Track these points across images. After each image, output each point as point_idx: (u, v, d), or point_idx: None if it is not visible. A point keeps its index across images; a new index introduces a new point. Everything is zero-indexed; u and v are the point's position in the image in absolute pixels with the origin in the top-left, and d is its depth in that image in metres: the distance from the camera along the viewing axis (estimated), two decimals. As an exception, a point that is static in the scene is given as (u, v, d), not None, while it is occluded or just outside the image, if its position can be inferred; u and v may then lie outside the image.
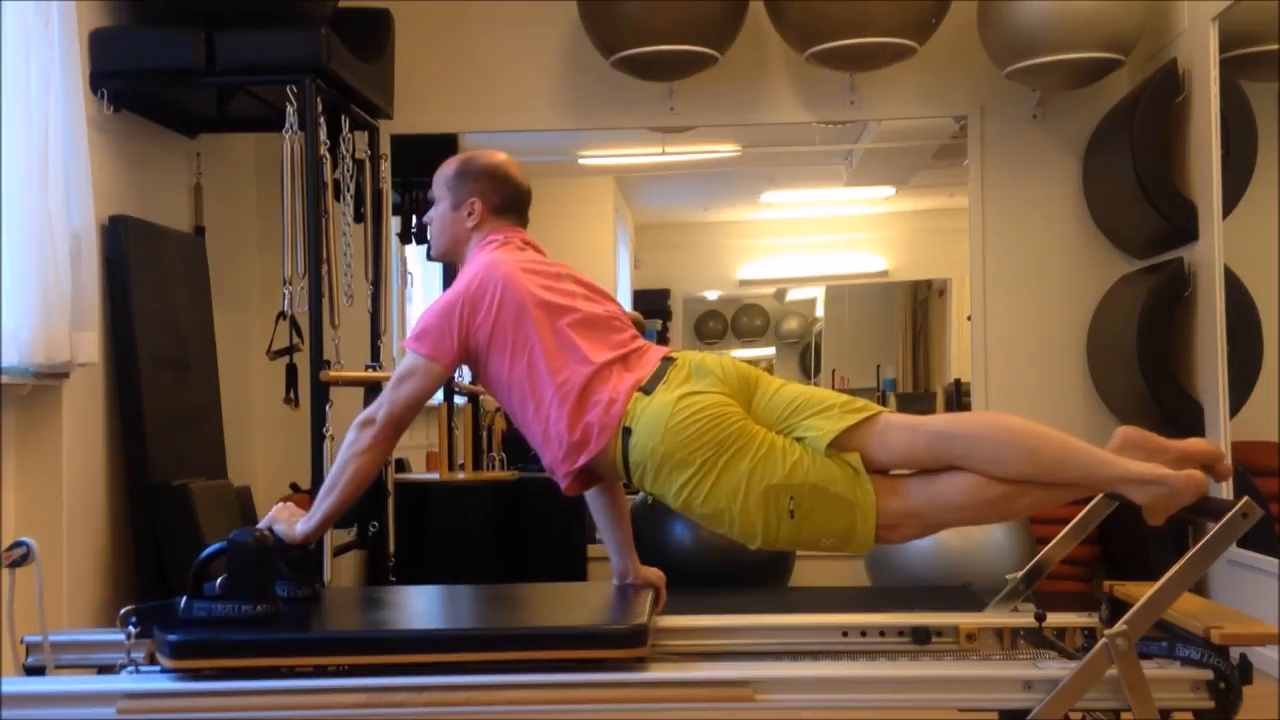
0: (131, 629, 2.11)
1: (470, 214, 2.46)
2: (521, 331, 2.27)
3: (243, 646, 2.04)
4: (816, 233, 7.60)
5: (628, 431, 2.20)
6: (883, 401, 6.80)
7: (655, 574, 2.52)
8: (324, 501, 2.25)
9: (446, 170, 2.51)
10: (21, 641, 2.23)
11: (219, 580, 2.13)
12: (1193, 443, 2.13)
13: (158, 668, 2.06)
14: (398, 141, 4.82)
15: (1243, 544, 3.29)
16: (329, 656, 2.05)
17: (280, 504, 2.33)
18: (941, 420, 2.18)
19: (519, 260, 2.37)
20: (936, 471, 2.12)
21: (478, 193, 2.46)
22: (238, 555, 2.14)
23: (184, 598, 2.14)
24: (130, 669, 2.11)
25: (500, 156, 2.53)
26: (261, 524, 2.27)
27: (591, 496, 2.49)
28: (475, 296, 2.30)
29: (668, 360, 2.27)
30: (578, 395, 2.23)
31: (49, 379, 3.33)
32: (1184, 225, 4.26)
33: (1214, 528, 1.96)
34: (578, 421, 2.22)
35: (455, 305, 2.30)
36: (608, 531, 2.51)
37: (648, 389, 2.22)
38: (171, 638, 2.02)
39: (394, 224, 5.02)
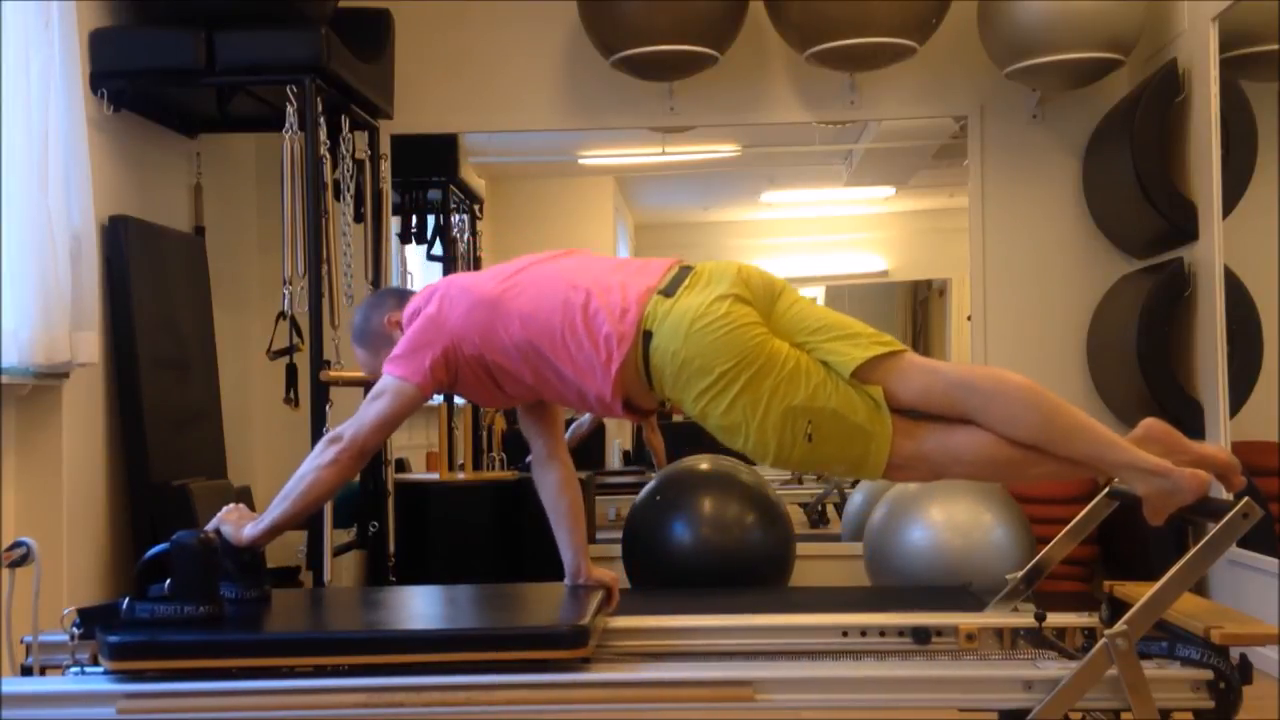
0: (75, 630, 2.11)
1: (393, 326, 2.44)
2: (496, 311, 2.26)
3: (182, 647, 2.03)
4: (816, 233, 7.59)
5: (648, 335, 2.19)
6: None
7: (608, 575, 2.53)
8: (275, 508, 2.26)
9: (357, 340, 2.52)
10: (21, 642, 2.24)
11: (167, 582, 2.13)
12: (1212, 450, 2.12)
13: (101, 669, 2.06)
14: (398, 141, 4.81)
15: (1243, 544, 3.29)
16: (266, 658, 2.04)
17: (230, 505, 2.33)
18: (964, 370, 2.18)
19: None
20: (954, 424, 2.12)
21: (386, 317, 2.45)
22: (182, 556, 2.14)
23: (127, 599, 2.13)
24: (75, 670, 2.10)
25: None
26: (209, 525, 2.27)
27: (549, 496, 2.51)
28: (435, 311, 2.31)
29: (686, 268, 2.26)
30: (581, 318, 2.21)
31: (49, 379, 3.33)
32: (1184, 225, 4.25)
33: (1214, 528, 1.96)
34: (597, 339, 2.20)
35: (424, 325, 2.31)
36: (561, 530, 2.52)
37: (668, 292, 2.21)
38: (111, 639, 2.01)
39: (394, 224, 5.03)
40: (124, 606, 2.13)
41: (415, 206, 5.35)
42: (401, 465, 5.21)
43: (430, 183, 5.30)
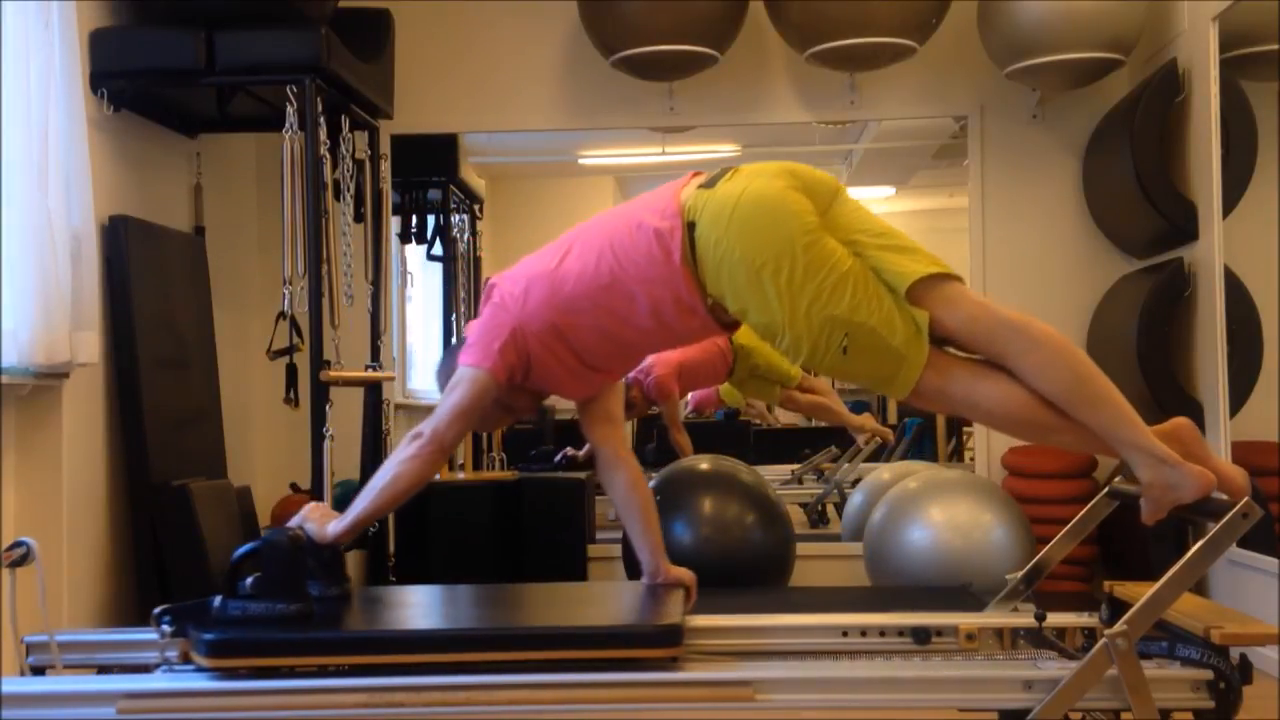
0: (166, 628, 2.11)
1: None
2: (552, 280, 2.24)
3: (278, 645, 2.04)
4: (816, 233, 7.57)
5: (692, 226, 2.16)
6: (882, 402, 6.79)
7: (686, 574, 2.51)
8: (358, 505, 2.25)
9: None
10: (22, 641, 2.24)
11: (249, 579, 2.13)
12: (1231, 469, 2.08)
13: (192, 666, 2.07)
14: (398, 141, 4.82)
15: (1243, 544, 3.29)
16: (365, 655, 2.04)
17: (311, 504, 2.33)
18: (1015, 312, 2.12)
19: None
20: (984, 368, 2.11)
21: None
22: (272, 555, 2.14)
23: (218, 596, 2.13)
24: (164, 668, 2.11)
25: None
26: (292, 523, 2.26)
27: (619, 497, 2.48)
28: (497, 300, 2.30)
29: (726, 168, 2.23)
30: (628, 232, 2.20)
31: (49, 379, 3.32)
32: (1184, 225, 4.25)
33: (1214, 528, 1.96)
34: (650, 241, 2.17)
35: (488, 315, 2.30)
36: (636, 532, 2.49)
37: (708, 185, 2.19)
38: (208, 636, 2.01)
39: (394, 224, 5.03)
40: (215, 604, 2.13)
41: (415, 206, 5.35)
42: (401, 465, 5.20)
43: (430, 183, 5.29)
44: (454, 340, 5.46)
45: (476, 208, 5.69)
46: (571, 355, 2.30)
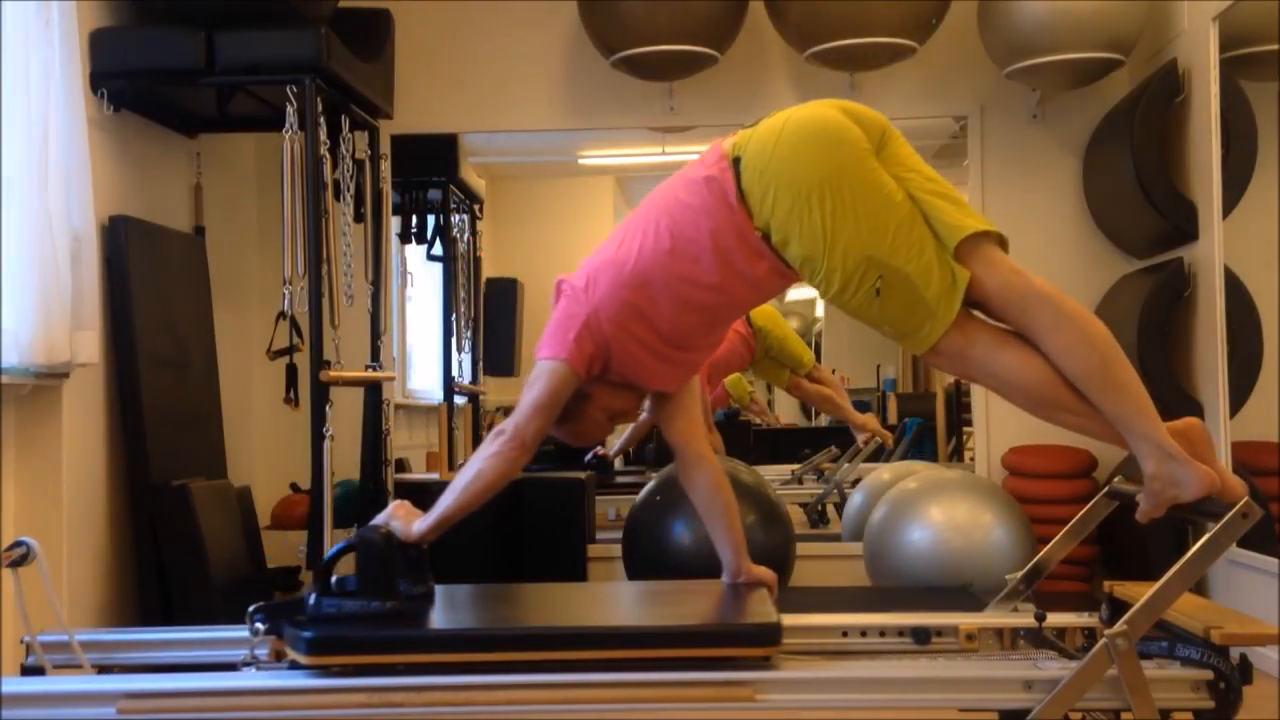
0: (259, 625, 2.11)
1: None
2: (614, 263, 2.23)
3: (379, 643, 2.03)
4: (816, 233, 7.57)
5: (737, 161, 2.15)
6: (882, 402, 6.80)
7: (767, 574, 2.48)
8: (443, 503, 2.23)
9: None
10: (22, 641, 2.24)
11: (335, 578, 2.13)
12: (1231, 477, 2.07)
13: (285, 663, 2.07)
14: (398, 141, 4.82)
15: (1243, 544, 3.29)
16: (463, 653, 2.03)
17: (396, 501, 2.31)
18: (1048, 285, 2.10)
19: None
20: (1008, 338, 2.10)
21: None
22: (367, 553, 2.14)
23: (312, 594, 2.12)
24: (249, 666, 2.11)
25: None
26: (377, 521, 2.25)
27: (702, 498, 2.46)
28: (569, 292, 2.29)
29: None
30: (683, 190, 2.20)
31: (49, 379, 3.33)
32: (1184, 225, 4.26)
33: (1214, 528, 1.96)
34: (703, 188, 2.17)
35: (560, 309, 2.28)
36: (719, 532, 2.46)
37: (751, 124, 2.18)
38: (307, 634, 2.01)
39: (394, 224, 5.03)
40: (310, 602, 2.12)
41: (415, 206, 5.35)
42: (401, 465, 5.21)
43: (430, 183, 5.29)
44: (453, 340, 5.46)
45: (476, 208, 5.69)
46: (651, 333, 2.25)
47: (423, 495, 4.65)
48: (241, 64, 3.73)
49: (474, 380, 5.63)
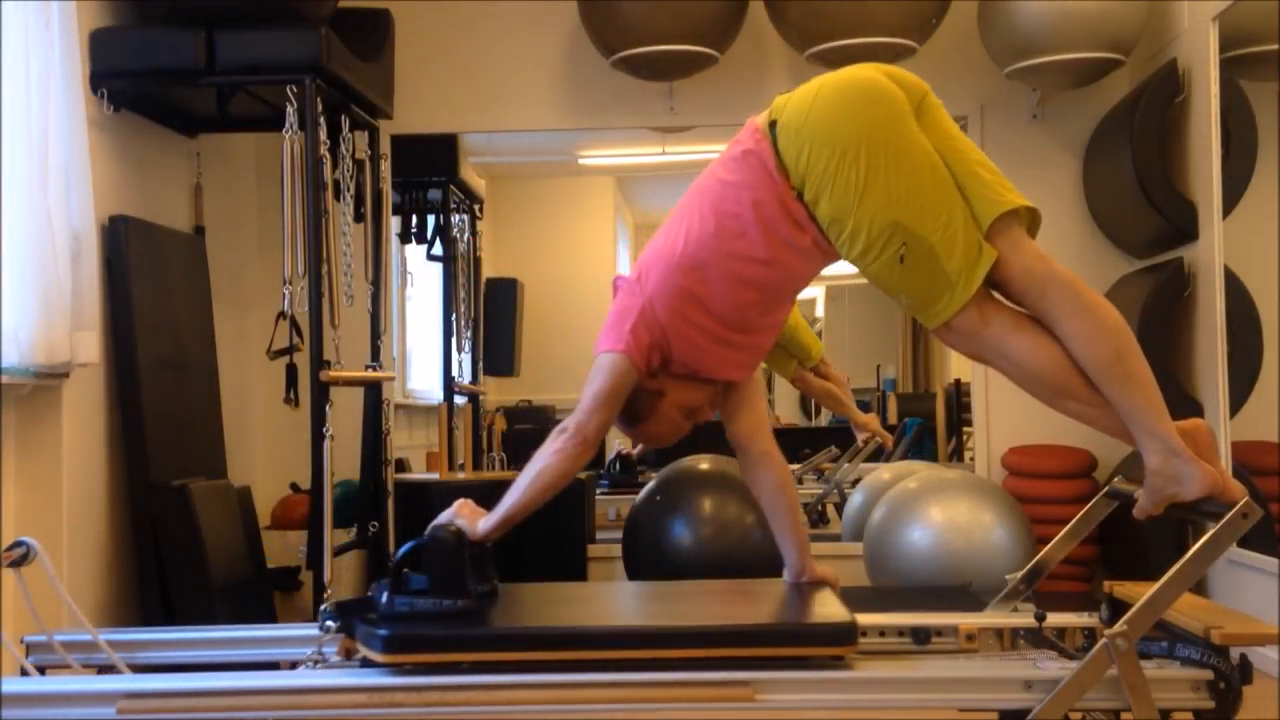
0: (331, 624, 2.10)
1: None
2: (661, 253, 2.22)
3: (456, 641, 2.02)
4: (816, 233, 7.56)
5: (773, 125, 2.13)
6: (882, 402, 6.80)
7: (830, 573, 2.46)
8: (507, 501, 2.21)
9: None
10: (22, 641, 2.24)
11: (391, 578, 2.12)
12: (1231, 481, 2.05)
13: (356, 661, 2.07)
14: (398, 141, 4.82)
15: (1243, 544, 3.29)
16: (538, 652, 2.02)
17: (461, 500, 2.29)
18: (1072, 273, 2.08)
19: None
20: (1024, 321, 2.08)
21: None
22: (439, 551, 2.13)
23: (383, 593, 2.11)
24: (308, 665, 2.11)
25: None
26: (442, 519, 2.23)
27: (767, 496, 2.43)
28: (625, 286, 2.28)
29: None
30: (721, 175, 2.18)
31: (49, 379, 3.33)
32: (1184, 225, 4.26)
33: (1214, 528, 1.96)
34: (741, 159, 2.15)
35: (617, 304, 2.27)
36: (784, 530, 2.43)
37: (786, 92, 2.17)
38: (383, 632, 2.00)
39: (394, 224, 5.03)
40: (382, 600, 2.11)
41: (415, 206, 5.35)
42: (401, 465, 5.21)
43: (430, 183, 5.30)
44: (453, 340, 5.46)
45: (476, 208, 5.69)
46: (707, 316, 2.22)
47: (422, 495, 4.68)
48: (241, 64, 3.73)
49: (474, 380, 5.63)
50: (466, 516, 2.22)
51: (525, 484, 2.21)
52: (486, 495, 4.99)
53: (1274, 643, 2.02)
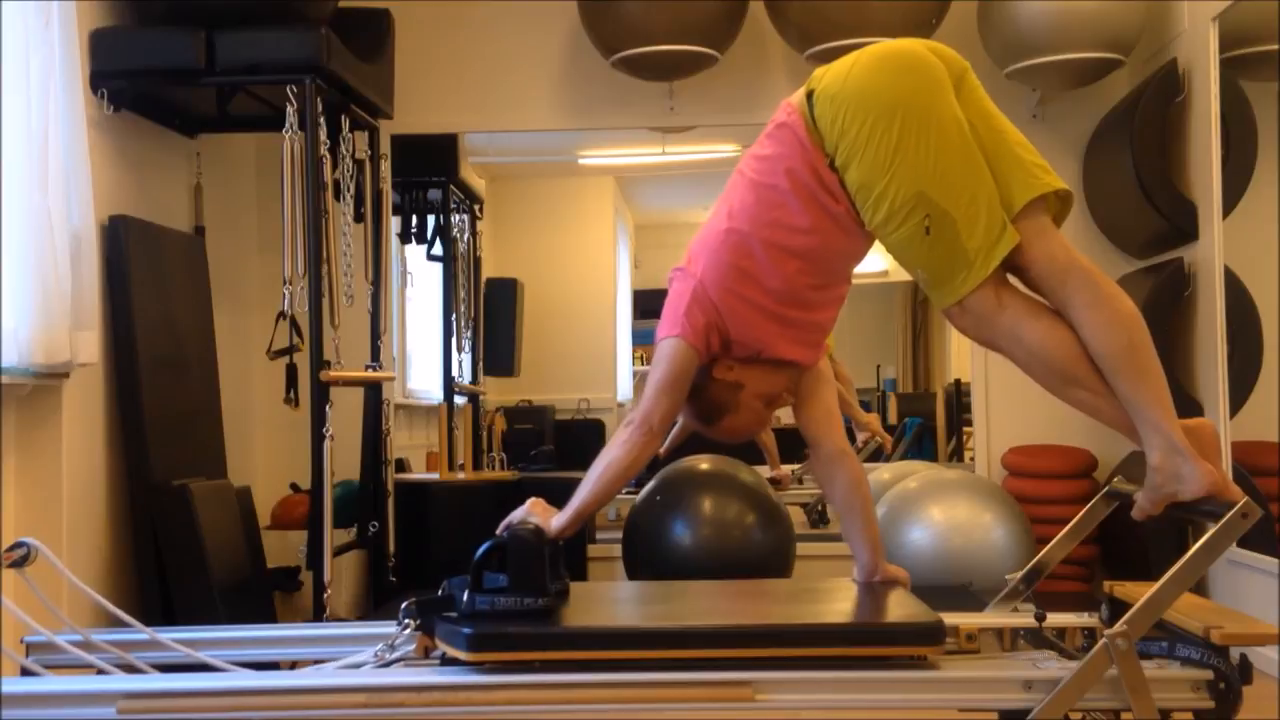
0: (409, 621, 2.10)
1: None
2: (706, 241, 2.24)
3: (543, 639, 2.02)
4: (816, 233, 7.56)
5: (810, 94, 2.13)
6: (883, 402, 6.80)
7: (902, 572, 2.45)
8: (578, 497, 2.21)
9: None
10: (22, 641, 2.24)
11: (494, 575, 2.12)
12: (1231, 484, 2.05)
13: (437, 658, 2.07)
14: (398, 141, 4.82)
15: (1243, 544, 3.29)
16: (621, 650, 2.01)
17: (533, 498, 2.29)
18: (1094, 266, 2.08)
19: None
20: (1039, 309, 2.08)
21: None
22: (519, 549, 2.12)
23: (462, 591, 2.11)
24: (373, 663, 2.11)
25: None
26: (515, 517, 2.23)
27: (840, 495, 2.41)
28: (679, 274, 2.28)
29: None
30: (760, 152, 2.20)
31: (49, 379, 3.33)
32: (1184, 225, 4.26)
33: (1214, 528, 1.96)
34: (775, 134, 2.17)
35: (672, 290, 2.27)
36: (855, 529, 2.42)
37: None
38: (467, 631, 2.00)
39: (394, 224, 5.03)
40: (463, 598, 2.10)
41: (415, 206, 5.36)
42: (401, 465, 5.21)
43: (430, 183, 5.30)
44: (453, 340, 5.47)
45: (476, 208, 5.70)
46: (758, 290, 2.21)
47: (422, 495, 4.68)
48: (241, 64, 3.73)
49: (474, 380, 5.63)
50: (540, 515, 2.22)
51: (594, 478, 2.21)
52: (486, 496, 5.02)
53: (1274, 643, 2.02)
